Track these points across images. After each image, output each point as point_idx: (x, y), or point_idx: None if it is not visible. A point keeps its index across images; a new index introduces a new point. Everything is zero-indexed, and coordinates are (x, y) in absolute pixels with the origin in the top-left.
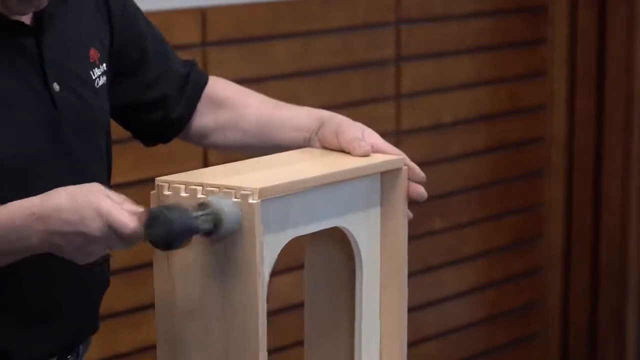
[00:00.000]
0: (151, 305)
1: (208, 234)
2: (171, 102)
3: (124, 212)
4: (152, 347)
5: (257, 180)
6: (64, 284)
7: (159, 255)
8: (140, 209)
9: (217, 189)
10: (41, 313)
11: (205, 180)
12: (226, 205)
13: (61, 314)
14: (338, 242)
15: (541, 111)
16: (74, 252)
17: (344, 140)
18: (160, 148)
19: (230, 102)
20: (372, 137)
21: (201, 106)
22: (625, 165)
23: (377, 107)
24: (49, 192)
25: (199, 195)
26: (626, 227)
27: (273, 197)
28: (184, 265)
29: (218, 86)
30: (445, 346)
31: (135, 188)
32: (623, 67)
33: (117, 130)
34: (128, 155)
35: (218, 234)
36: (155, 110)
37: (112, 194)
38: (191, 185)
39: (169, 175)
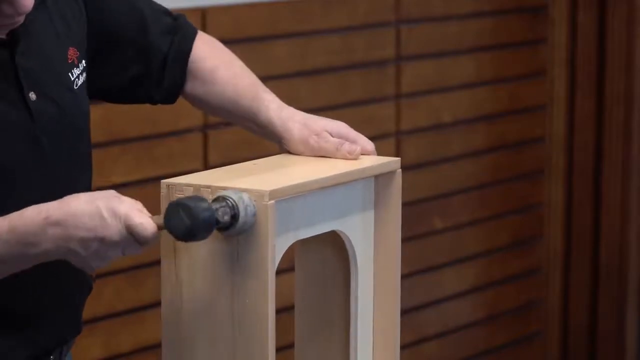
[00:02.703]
0: (151, 305)
1: (225, 228)
2: (151, 82)
3: (143, 215)
4: (153, 347)
5: (265, 182)
6: (44, 290)
7: (165, 255)
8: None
9: (225, 191)
10: (21, 318)
11: (214, 183)
12: (243, 199)
13: (42, 320)
14: (329, 244)
15: (541, 111)
16: (88, 258)
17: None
18: (160, 148)
19: (204, 77)
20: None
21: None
22: (625, 165)
23: (377, 107)
24: (66, 197)
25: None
26: (626, 227)
27: (280, 199)
28: (192, 265)
29: (196, 55)
30: (445, 346)
31: (136, 188)
32: (623, 67)
33: (116, 130)
34: (128, 155)
35: (234, 227)
36: (137, 90)
37: (127, 199)
38: (200, 187)
39: (175, 178)
